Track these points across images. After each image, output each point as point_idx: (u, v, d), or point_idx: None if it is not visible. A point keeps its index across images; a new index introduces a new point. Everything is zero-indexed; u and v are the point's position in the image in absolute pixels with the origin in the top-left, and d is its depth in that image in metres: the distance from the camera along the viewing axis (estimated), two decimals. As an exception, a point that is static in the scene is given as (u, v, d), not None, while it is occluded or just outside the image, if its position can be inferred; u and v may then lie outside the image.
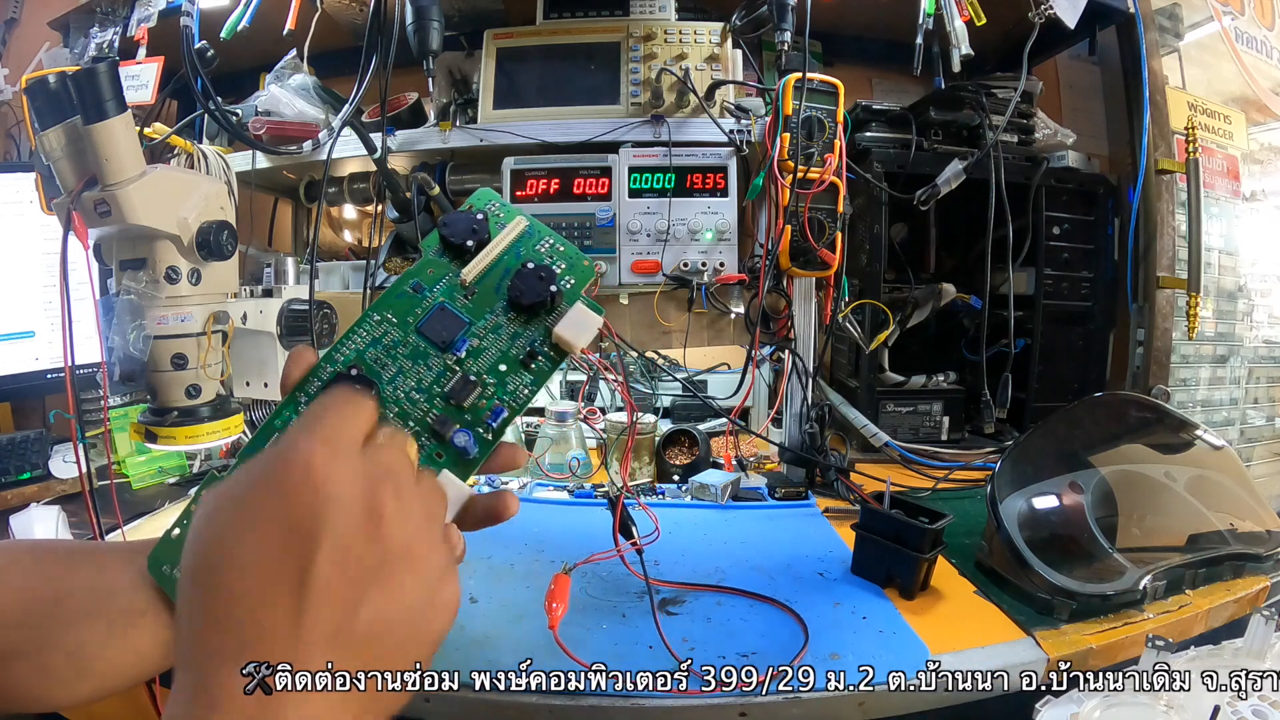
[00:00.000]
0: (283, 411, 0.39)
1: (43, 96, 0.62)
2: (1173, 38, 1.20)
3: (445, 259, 0.42)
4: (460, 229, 0.42)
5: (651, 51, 1.01)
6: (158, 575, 0.37)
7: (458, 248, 0.42)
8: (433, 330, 0.40)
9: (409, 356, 0.40)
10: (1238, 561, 0.74)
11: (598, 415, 1.24)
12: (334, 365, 0.39)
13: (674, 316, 1.03)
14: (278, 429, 0.38)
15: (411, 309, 0.41)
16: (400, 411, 0.39)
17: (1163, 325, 1.13)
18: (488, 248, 0.42)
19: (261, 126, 1.02)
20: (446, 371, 0.40)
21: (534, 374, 0.40)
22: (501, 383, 0.40)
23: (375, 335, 0.40)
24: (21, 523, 0.80)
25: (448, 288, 0.41)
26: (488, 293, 0.41)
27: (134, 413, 0.99)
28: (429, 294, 0.41)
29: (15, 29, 1.40)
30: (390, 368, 0.39)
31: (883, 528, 0.71)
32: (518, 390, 0.40)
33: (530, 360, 0.40)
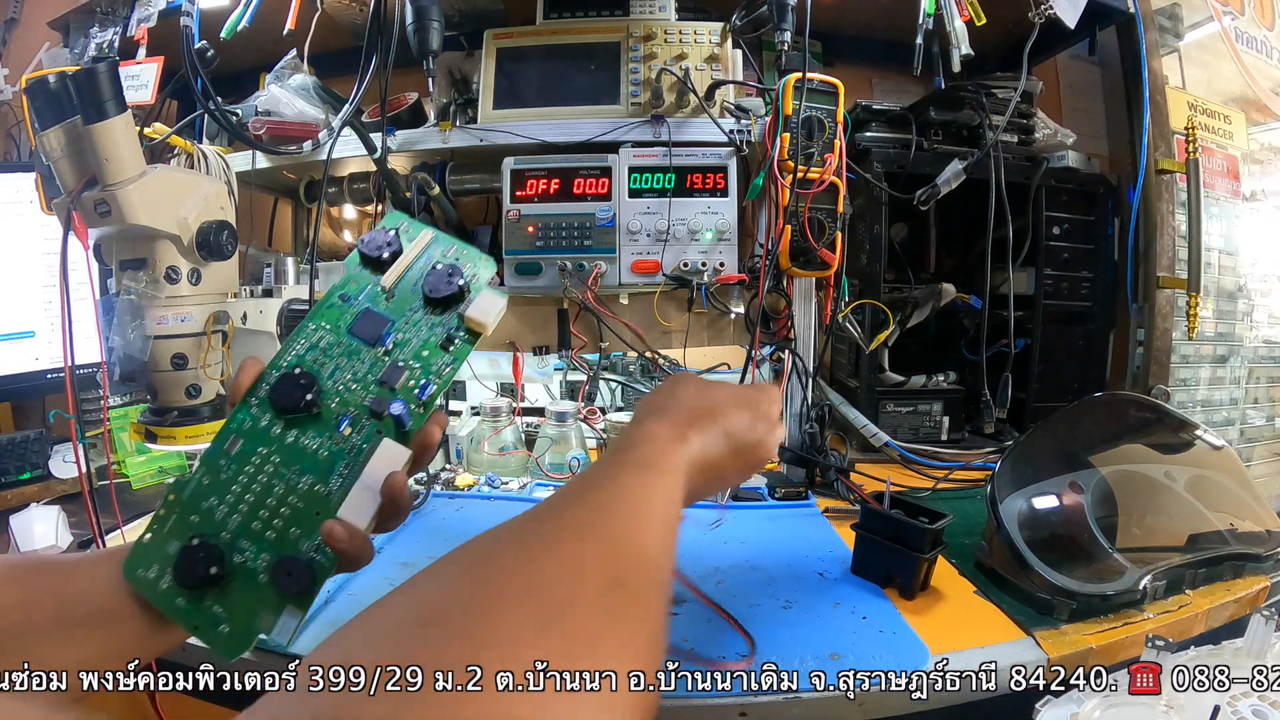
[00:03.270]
0: (236, 415, 0.45)
1: (43, 96, 0.62)
2: (1173, 38, 1.20)
3: (366, 271, 0.50)
4: (376, 244, 0.49)
5: (651, 51, 1.01)
6: (133, 579, 0.42)
7: (375, 261, 0.49)
8: (362, 330, 0.48)
9: (344, 354, 0.47)
10: (1238, 561, 0.74)
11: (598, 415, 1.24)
12: (279, 370, 0.46)
13: (674, 316, 1.03)
14: (234, 431, 0.45)
15: (342, 315, 0.48)
16: (341, 400, 0.46)
17: (1163, 325, 1.13)
18: (401, 257, 0.49)
19: (261, 126, 1.02)
20: (377, 363, 0.47)
21: (453, 354, 0.48)
22: (426, 364, 0.47)
23: (313, 341, 0.48)
24: (21, 523, 0.80)
25: (370, 294, 0.49)
26: (405, 294, 0.49)
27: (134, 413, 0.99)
28: (355, 301, 0.49)
29: (15, 29, 1.41)
30: (329, 365, 0.47)
31: (883, 528, 0.71)
32: (440, 368, 0.47)
33: (449, 343, 0.48)
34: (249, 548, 0.43)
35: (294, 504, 0.44)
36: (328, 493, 0.44)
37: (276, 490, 0.44)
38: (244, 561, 0.42)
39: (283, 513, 0.44)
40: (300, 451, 0.45)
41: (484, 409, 1.09)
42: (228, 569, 0.42)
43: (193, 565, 0.41)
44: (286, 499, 0.44)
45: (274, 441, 0.45)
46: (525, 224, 1.00)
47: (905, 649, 0.60)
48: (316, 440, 0.45)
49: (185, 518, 0.43)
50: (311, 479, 0.44)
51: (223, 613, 0.42)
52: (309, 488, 0.44)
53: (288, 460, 0.45)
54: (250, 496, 0.44)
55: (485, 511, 0.92)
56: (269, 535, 0.43)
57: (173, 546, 0.42)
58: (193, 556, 0.41)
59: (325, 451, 0.45)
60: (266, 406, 0.46)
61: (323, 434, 0.45)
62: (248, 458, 0.45)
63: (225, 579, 0.42)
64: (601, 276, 0.99)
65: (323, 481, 0.44)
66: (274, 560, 0.42)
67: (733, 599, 0.68)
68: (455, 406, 1.23)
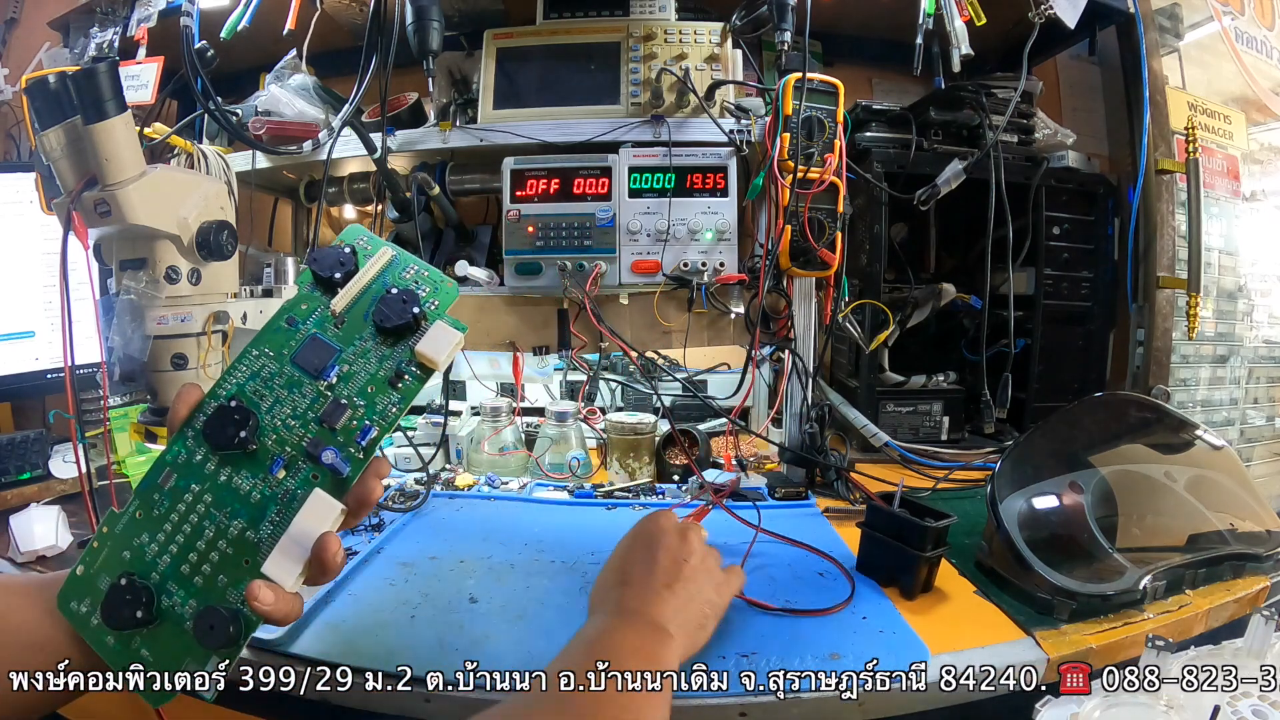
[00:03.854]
0: (172, 446, 0.43)
1: (43, 96, 0.62)
2: (1173, 38, 1.20)
3: (317, 292, 0.45)
4: (328, 263, 0.44)
5: (651, 51, 1.01)
6: (66, 611, 0.41)
7: (327, 281, 0.44)
8: (305, 360, 0.43)
9: (285, 386, 0.43)
10: (1238, 561, 0.74)
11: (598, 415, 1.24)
12: (216, 399, 0.43)
13: (674, 316, 1.03)
14: (168, 463, 0.42)
15: (286, 341, 0.44)
16: (278, 438, 0.42)
17: (1163, 325, 1.13)
18: (355, 278, 0.44)
19: (261, 126, 1.02)
20: (319, 397, 0.43)
21: (401, 392, 0.43)
22: (370, 403, 0.43)
23: (254, 369, 0.44)
24: (21, 523, 0.80)
25: (319, 319, 0.44)
26: (357, 320, 0.44)
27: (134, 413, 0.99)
28: (302, 326, 0.44)
29: (15, 29, 1.40)
30: (268, 398, 0.43)
31: (886, 525, 0.72)
32: (386, 409, 0.43)
33: (398, 380, 0.43)
34: (177, 591, 0.41)
35: (223, 549, 0.41)
36: (257, 540, 0.41)
37: (206, 533, 0.42)
38: (172, 606, 0.40)
39: (212, 558, 0.41)
40: (233, 492, 0.42)
41: (484, 409, 1.09)
42: (155, 612, 0.40)
43: (120, 605, 0.39)
44: (216, 543, 0.41)
45: (207, 479, 0.42)
46: (525, 224, 1.00)
47: (905, 649, 0.60)
48: (250, 481, 0.42)
49: (117, 553, 0.41)
50: (242, 523, 0.42)
51: (150, 657, 0.40)
52: (239, 533, 0.42)
53: (219, 501, 0.42)
54: (180, 537, 0.42)
55: (485, 511, 0.92)
56: (196, 581, 0.41)
57: (104, 582, 0.41)
58: (120, 596, 0.39)
59: (258, 494, 0.42)
60: (201, 440, 0.43)
61: (257, 474, 0.42)
62: (180, 494, 0.42)
63: (153, 622, 0.40)
64: (601, 276, 0.99)
65: (253, 527, 0.42)
66: (198, 610, 0.40)
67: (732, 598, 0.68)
68: (455, 406, 1.23)
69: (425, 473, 0.99)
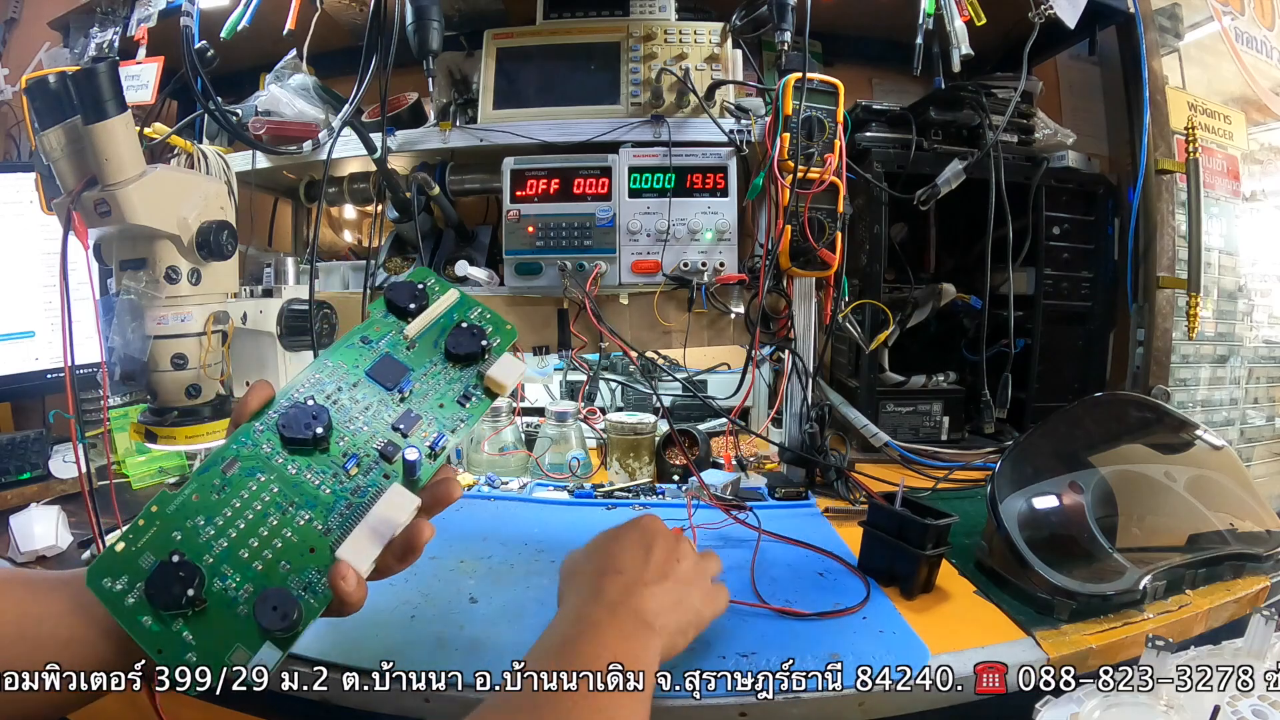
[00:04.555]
0: (239, 437, 0.45)
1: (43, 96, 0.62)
2: (1173, 38, 1.20)
3: (390, 319, 0.51)
4: (404, 295, 0.51)
5: (651, 51, 1.01)
6: (97, 587, 0.40)
7: (401, 310, 0.51)
8: (380, 374, 0.48)
9: (360, 395, 0.48)
10: (1238, 561, 0.74)
11: (598, 415, 1.24)
12: (289, 400, 0.46)
13: (674, 316, 1.03)
14: (233, 453, 0.44)
15: (360, 357, 0.49)
16: (351, 440, 0.46)
17: (1163, 325, 1.13)
18: (427, 311, 0.51)
19: (261, 126, 1.02)
20: (393, 408, 0.48)
21: (469, 410, 0.49)
22: (441, 417, 0.48)
23: (328, 377, 0.48)
24: (21, 523, 0.80)
25: (393, 341, 0.50)
26: (426, 347, 0.50)
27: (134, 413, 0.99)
28: (376, 346, 0.49)
29: (15, 29, 1.41)
30: (342, 403, 0.47)
31: (887, 524, 0.72)
32: (455, 422, 0.48)
33: (465, 400, 0.49)
34: (232, 575, 0.41)
35: (288, 537, 0.42)
36: (325, 530, 0.43)
37: (270, 521, 0.43)
38: (224, 589, 0.40)
39: (275, 545, 0.42)
40: (301, 485, 0.44)
41: (484, 409, 1.09)
42: (206, 593, 0.40)
43: (168, 583, 0.39)
44: (280, 531, 0.43)
45: (275, 470, 0.44)
46: (525, 224, 1.00)
47: (905, 649, 0.60)
48: (320, 476, 0.45)
49: (167, 533, 0.41)
50: (310, 514, 0.43)
51: (192, 640, 0.39)
52: (306, 523, 0.43)
53: (287, 492, 0.44)
54: (241, 523, 0.42)
55: (485, 511, 0.92)
56: (256, 566, 0.41)
57: (147, 560, 0.40)
58: (170, 573, 0.39)
59: (328, 489, 0.44)
60: (272, 434, 0.45)
61: (328, 471, 0.45)
62: (244, 483, 0.43)
63: (201, 604, 0.40)
64: (601, 276, 0.99)
65: (321, 519, 0.43)
66: (258, 592, 0.40)
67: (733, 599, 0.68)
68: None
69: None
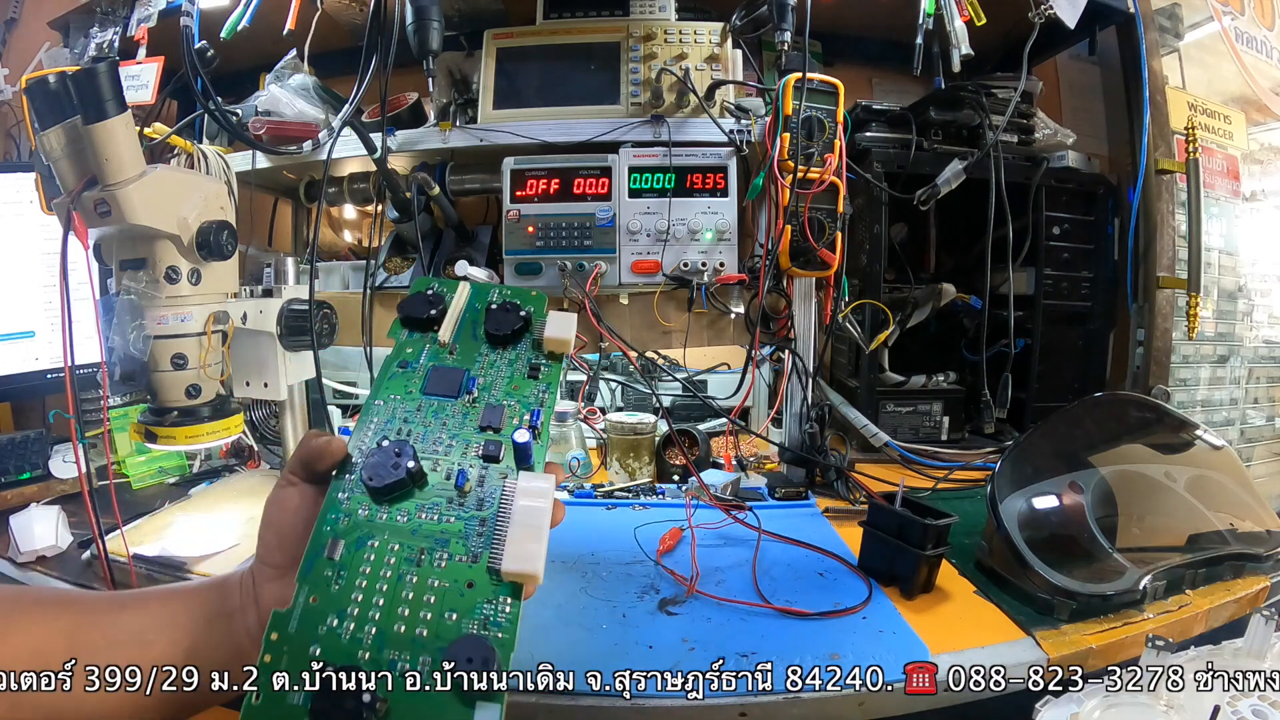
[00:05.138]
0: (326, 515, 0.39)
1: (43, 96, 0.62)
2: (1173, 38, 1.20)
3: (415, 335, 0.47)
4: (420, 306, 0.47)
5: (651, 51, 1.01)
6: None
7: (422, 321, 0.47)
8: (438, 387, 0.44)
9: (429, 415, 0.43)
10: (1238, 561, 0.74)
11: (598, 415, 1.24)
12: (361, 451, 0.41)
13: (674, 316, 1.03)
14: (330, 534, 0.38)
15: (408, 382, 0.45)
16: (447, 460, 0.42)
17: (1163, 325, 1.13)
18: (450, 309, 0.47)
19: (261, 126, 1.02)
20: (469, 411, 0.44)
21: (545, 379, 0.45)
22: (521, 397, 0.45)
23: (388, 415, 0.43)
24: (21, 523, 0.80)
25: (432, 353, 0.46)
26: (468, 343, 0.47)
27: (134, 413, 0.99)
28: (417, 365, 0.46)
29: (15, 29, 1.41)
30: (417, 431, 0.43)
31: (887, 524, 0.72)
32: (538, 396, 0.45)
33: (535, 372, 0.46)
34: (400, 656, 0.34)
35: (438, 587, 0.37)
36: (473, 558, 0.38)
37: (409, 580, 0.37)
38: (401, 676, 0.34)
39: (428, 601, 0.36)
40: (421, 529, 0.39)
41: (484, 409, 1.09)
42: (383, 693, 0.33)
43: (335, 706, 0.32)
44: (426, 586, 0.37)
45: (385, 529, 0.39)
46: (525, 224, 1.00)
47: (905, 649, 0.60)
48: (434, 510, 0.39)
49: (302, 653, 0.34)
50: (447, 552, 0.38)
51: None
52: (449, 563, 0.38)
53: (410, 543, 0.38)
54: (379, 599, 0.36)
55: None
56: (420, 633, 0.35)
57: (297, 698, 0.33)
58: (331, 697, 0.33)
59: (451, 518, 0.39)
60: (361, 494, 0.40)
61: (439, 501, 0.40)
62: (359, 558, 0.38)
63: (383, 706, 0.33)
64: (601, 276, 0.99)
65: (461, 550, 0.38)
66: (439, 658, 0.34)
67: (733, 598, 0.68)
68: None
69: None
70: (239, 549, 0.76)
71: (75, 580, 0.75)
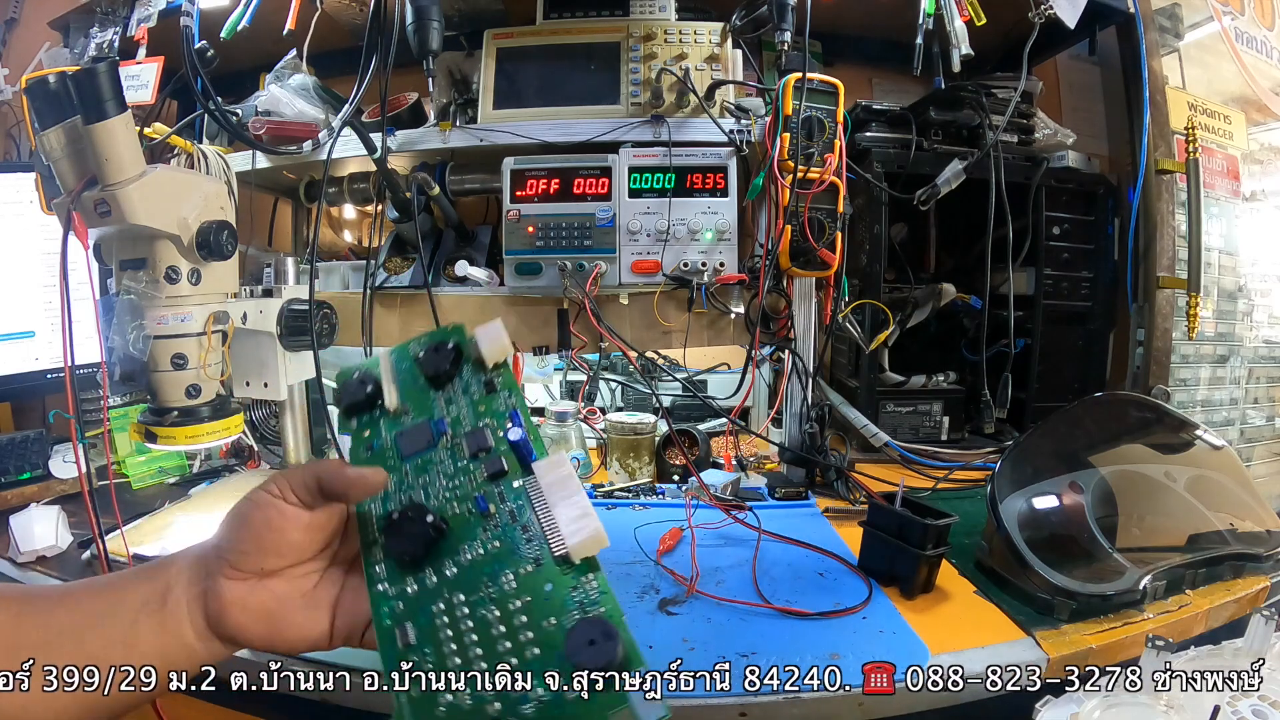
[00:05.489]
0: (380, 609, 0.38)
1: (43, 96, 0.63)
2: (1173, 38, 1.20)
3: (365, 417, 0.47)
4: (356, 389, 0.47)
5: (651, 51, 1.01)
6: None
7: (364, 403, 0.47)
8: (411, 444, 0.44)
9: (418, 473, 0.43)
10: (1238, 561, 0.74)
11: (598, 415, 1.24)
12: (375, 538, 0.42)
13: (674, 316, 1.03)
14: (392, 624, 0.38)
15: (384, 460, 0.44)
16: (455, 500, 0.41)
17: (1163, 325, 1.13)
18: (384, 378, 0.47)
19: (261, 126, 1.02)
20: (454, 448, 0.43)
21: (503, 387, 0.45)
22: (490, 413, 0.44)
23: (383, 496, 0.43)
24: (21, 523, 0.80)
25: (388, 423, 0.46)
26: (416, 397, 0.46)
27: (134, 413, 0.99)
28: (380, 439, 0.45)
29: (15, 29, 1.41)
30: (415, 492, 0.42)
31: (887, 524, 0.72)
32: (505, 406, 0.45)
33: (490, 387, 0.45)
34: (528, 687, 0.34)
35: (520, 606, 0.37)
36: (536, 561, 0.38)
37: (490, 614, 0.37)
38: (539, 703, 0.34)
39: (519, 621, 0.36)
40: (474, 567, 0.38)
41: (484, 409, 1.09)
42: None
43: None
44: (508, 611, 0.37)
45: (441, 587, 0.38)
46: (525, 224, 1.00)
47: (905, 649, 0.60)
48: (475, 544, 0.39)
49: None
50: (510, 571, 0.38)
51: None
52: (515, 579, 0.38)
53: (472, 585, 0.38)
54: (477, 649, 0.36)
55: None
56: (531, 653, 0.35)
57: None
58: None
59: (494, 542, 0.39)
60: (401, 572, 0.39)
61: (473, 534, 0.40)
62: (432, 625, 0.37)
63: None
64: (601, 276, 0.99)
65: (520, 562, 0.38)
66: (562, 660, 0.34)
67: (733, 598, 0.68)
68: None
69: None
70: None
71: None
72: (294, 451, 0.98)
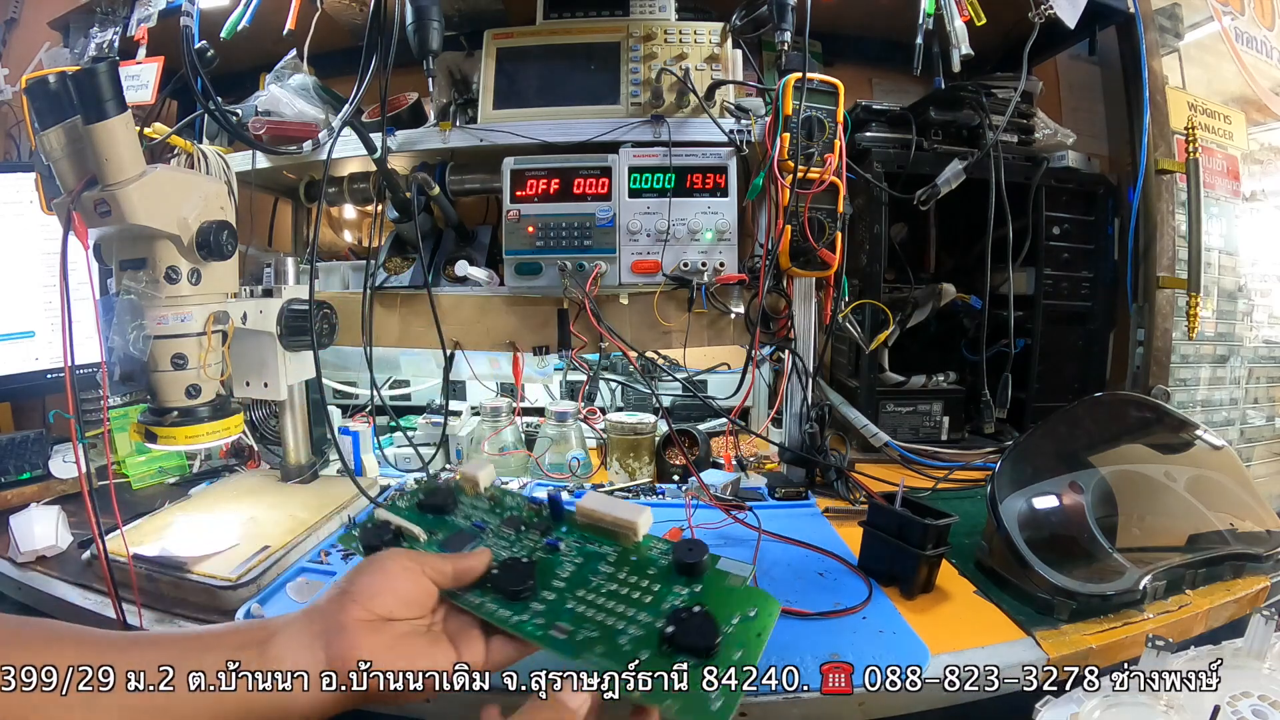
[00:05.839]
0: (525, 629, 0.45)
1: (43, 96, 0.62)
2: (1173, 38, 1.20)
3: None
4: (376, 539, 0.53)
5: (651, 51, 1.01)
6: None
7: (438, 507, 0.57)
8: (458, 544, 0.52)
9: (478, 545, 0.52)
10: (1238, 561, 0.74)
11: (598, 415, 1.24)
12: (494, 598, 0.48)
13: (674, 316, 1.03)
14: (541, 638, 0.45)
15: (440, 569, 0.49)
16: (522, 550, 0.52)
17: (1163, 325, 1.13)
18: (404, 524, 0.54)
19: (261, 126, 1.02)
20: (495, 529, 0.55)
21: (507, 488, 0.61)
22: (515, 504, 0.58)
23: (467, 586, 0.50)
24: (21, 523, 0.80)
25: (426, 545, 0.53)
26: (437, 524, 0.56)
27: (134, 413, 0.99)
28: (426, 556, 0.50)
29: (15, 29, 1.41)
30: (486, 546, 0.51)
31: (886, 524, 0.72)
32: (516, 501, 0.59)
33: (497, 500, 0.59)
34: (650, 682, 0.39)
35: (625, 575, 0.48)
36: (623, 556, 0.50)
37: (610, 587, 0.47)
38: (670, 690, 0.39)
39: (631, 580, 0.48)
40: (577, 574, 0.49)
41: (484, 409, 1.09)
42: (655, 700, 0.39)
43: None
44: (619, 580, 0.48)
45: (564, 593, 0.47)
46: (525, 224, 1.00)
47: (905, 649, 0.60)
48: (563, 566, 0.50)
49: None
50: (608, 566, 0.49)
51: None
52: (612, 562, 0.50)
53: (583, 582, 0.48)
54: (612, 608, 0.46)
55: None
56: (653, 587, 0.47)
57: None
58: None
59: (579, 558, 0.50)
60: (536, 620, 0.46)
61: (558, 563, 0.50)
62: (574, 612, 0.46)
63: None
64: (601, 276, 0.99)
65: (605, 556, 0.50)
66: (664, 654, 0.41)
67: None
68: (455, 406, 1.23)
69: (425, 473, 0.99)
70: (239, 549, 0.76)
71: (75, 580, 0.75)
72: (294, 452, 0.98)
